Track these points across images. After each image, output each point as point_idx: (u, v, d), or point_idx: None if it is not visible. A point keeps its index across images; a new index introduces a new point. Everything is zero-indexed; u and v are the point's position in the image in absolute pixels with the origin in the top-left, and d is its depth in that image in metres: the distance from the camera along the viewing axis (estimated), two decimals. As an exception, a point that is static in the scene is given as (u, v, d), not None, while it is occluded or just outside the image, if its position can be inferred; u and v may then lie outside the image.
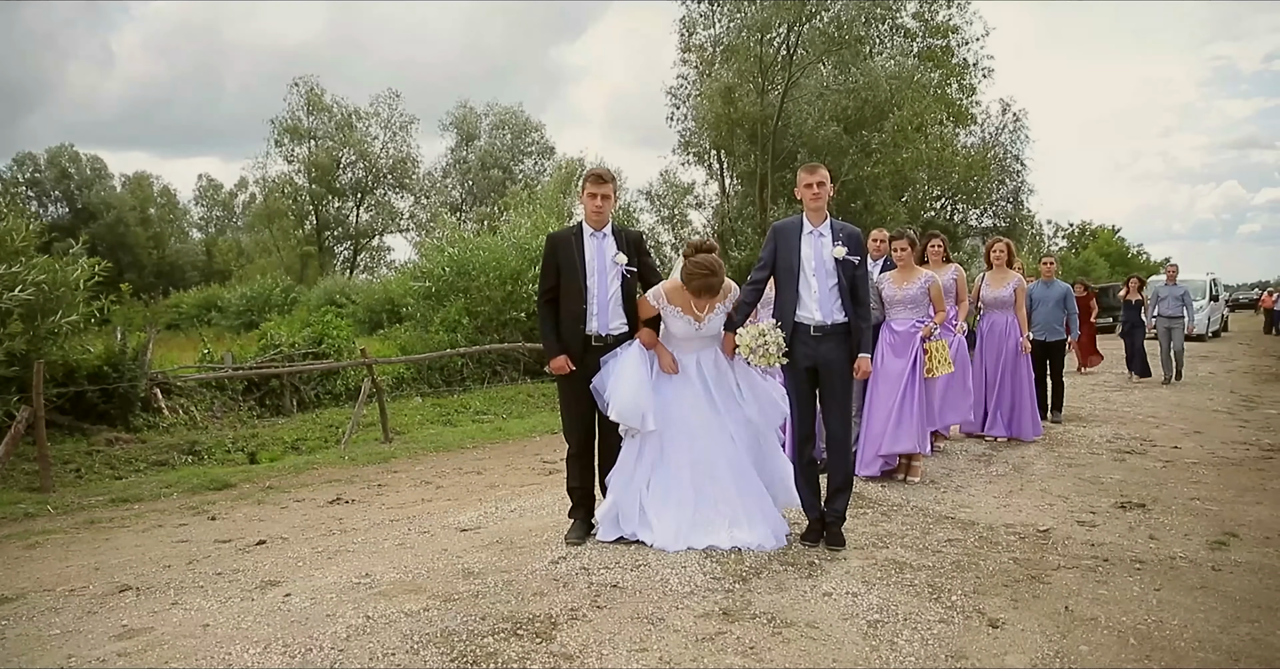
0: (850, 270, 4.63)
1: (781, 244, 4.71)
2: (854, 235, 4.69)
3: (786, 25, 24.69)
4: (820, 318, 4.62)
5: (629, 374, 4.59)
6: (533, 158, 43.22)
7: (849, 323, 4.65)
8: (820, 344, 4.63)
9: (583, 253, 4.73)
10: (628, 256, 4.76)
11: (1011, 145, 32.17)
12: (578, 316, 4.70)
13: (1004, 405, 8.01)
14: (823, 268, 4.63)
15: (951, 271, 7.40)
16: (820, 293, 4.62)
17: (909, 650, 3.31)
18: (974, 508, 5.52)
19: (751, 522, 4.58)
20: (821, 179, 4.64)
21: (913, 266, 6.40)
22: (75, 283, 8.87)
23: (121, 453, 8.76)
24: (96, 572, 4.56)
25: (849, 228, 4.73)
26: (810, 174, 4.65)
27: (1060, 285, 9.37)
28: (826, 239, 4.65)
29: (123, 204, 46.15)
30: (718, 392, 4.71)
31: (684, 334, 4.71)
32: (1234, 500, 5.70)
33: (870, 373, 4.83)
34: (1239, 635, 3.46)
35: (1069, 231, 48.86)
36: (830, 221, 4.70)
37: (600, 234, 4.78)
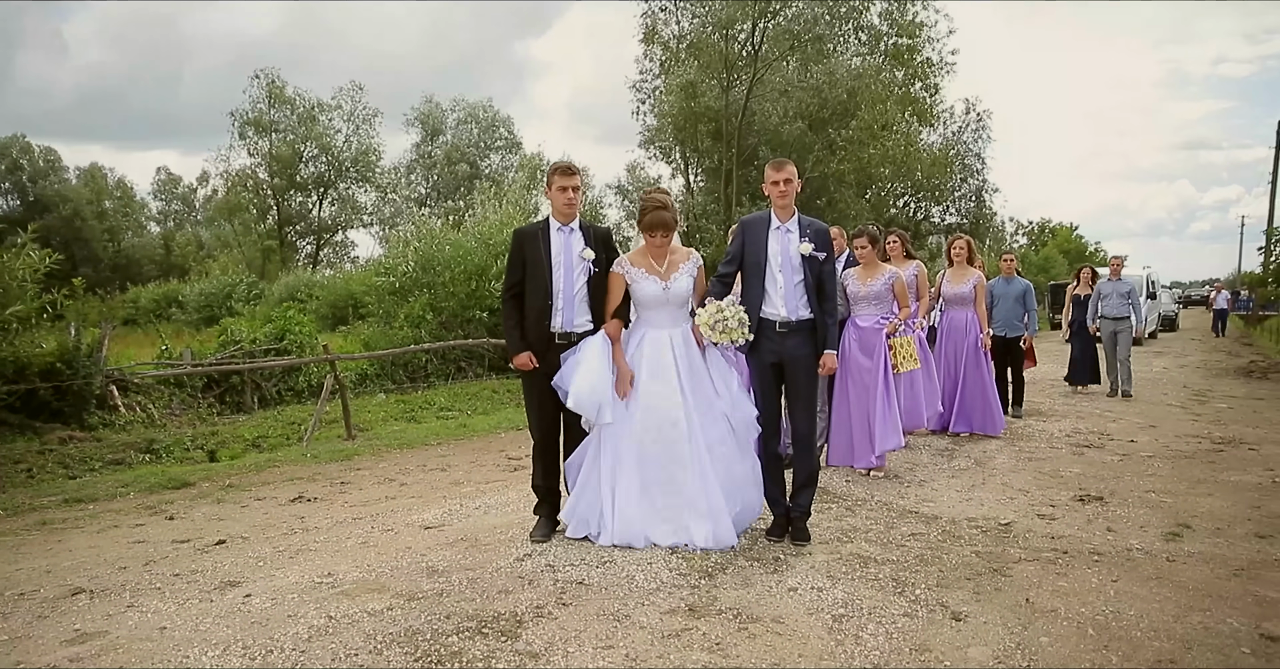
0: (817, 267, 4.61)
1: (749, 239, 4.68)
2: (822, 231, 4.67)
3: (750, 21, 24.76)
4: (785, 314, 4.60)
5: (590, 363, 4.51)
6: (500, 152, 42.95)
7: (814, 319, 4.65)
8: (786, 340, 4.62)
9: (549, 248, 4.66)
10: (595, 252, 4.69)
11: (974, 144, 32.60)
12: (543, 312, 4.64)
13: (966, 401, 8.07)
14: (789, 264, 4.61)
15: (912, 268, 7.43)
16: (786, 289, 4.60)
17: (873, 644, 3.34)
18: (937, 502, 5.59)
19: (702, 521, 4.45)
20: (788, 176, 4.60)
21: (876, 263, 6.42)
22: (24, 275, 8.62)
23: (75, 452, 8.56)
24: (48, 574, 4.45)
25: (817, 224, 4.70)
26: (777, 171, 4.61)
27: (1020, 282, 9.43)
28: (794, 235, 4.62)
29: (78, 197, 45.12)
30: (689, 380, 4.56)
31: (652, 299, 4.58)
32: (1187, 492, 5.83)
33: (835, 369, 4.83)
34: (1192, 624, 3.54)
35: (1029, 229, 49.67)
36: (798, 217, 4.68)
37: (567, 229, 4.71)
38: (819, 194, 26.43)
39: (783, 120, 25.13)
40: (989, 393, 8.10)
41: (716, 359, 4.70)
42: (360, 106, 40.63)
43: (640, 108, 28.18)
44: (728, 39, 25.19)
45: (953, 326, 8.23)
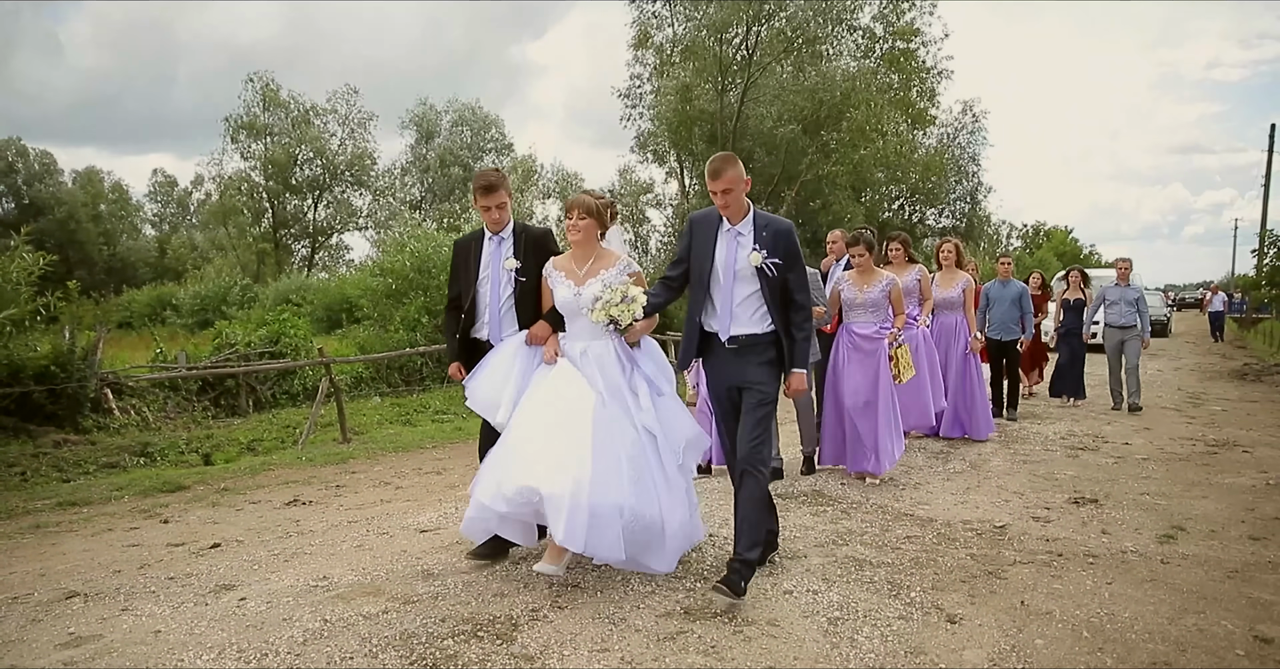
0: (778, 274, 3.96)
1: (695, 241, 4.10)
2: (781, 233, 3.98)
3: (744, 26, 24.81)
4: (733, 329, 4.01)
5: (495, 363, 4.28)
6: (492, 154, 42.94)
7: (773, 334, 4.01)
8: (736, 359, 4.03)
9: (479, 258, 4.45)
10: (526, 260, 4.36)
11: (969, 146, 32.66)
12: (472, 324, 4.50)
13: (956, 405, 8.04)
14: (738, 273, 3.99)
15: (914, 273, 7.41)
16: (734, 301, 4.00)
17: (869, 647, 3.34)
18: (932, 505, 5.60)
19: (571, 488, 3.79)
20: (727, 185, 3.89)
21: (872, 269, 6.28)
22: (18, 278, 8.60)
23: (70, 455, 8.53)
24: (42, 578, 4.43)
25: (776, 224, 4.00)
26: (714, 180, 3.91)
27: (1016, 285, 9.40)
28: (746, 239, 3.98)
29: (73, 200, 45.03)
30: (607, 388, 4.03)
31: (564, 305, 4.13)
32: (1181, 495, 5.85)
33: (803, 390, 4.08)
34: (1186, 626, 3.55)
35: (1023, 231, 49.83)
36: (754, 217, 4.00)
37: (497, 238, 4.44)
38: (814, 197, 26.48)
39: (777, 123, 25.17)
40: (978, 397, 8.07)
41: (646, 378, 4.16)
42: (355, 110, 40.62)
43: (630, 114, 28.19)
44: (722, 42, 25.24)
45: (942, 331, 8.17)
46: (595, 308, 3.95)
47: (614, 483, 3.77)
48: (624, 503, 3.76)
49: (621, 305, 3.89)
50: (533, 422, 3.97)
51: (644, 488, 3.87)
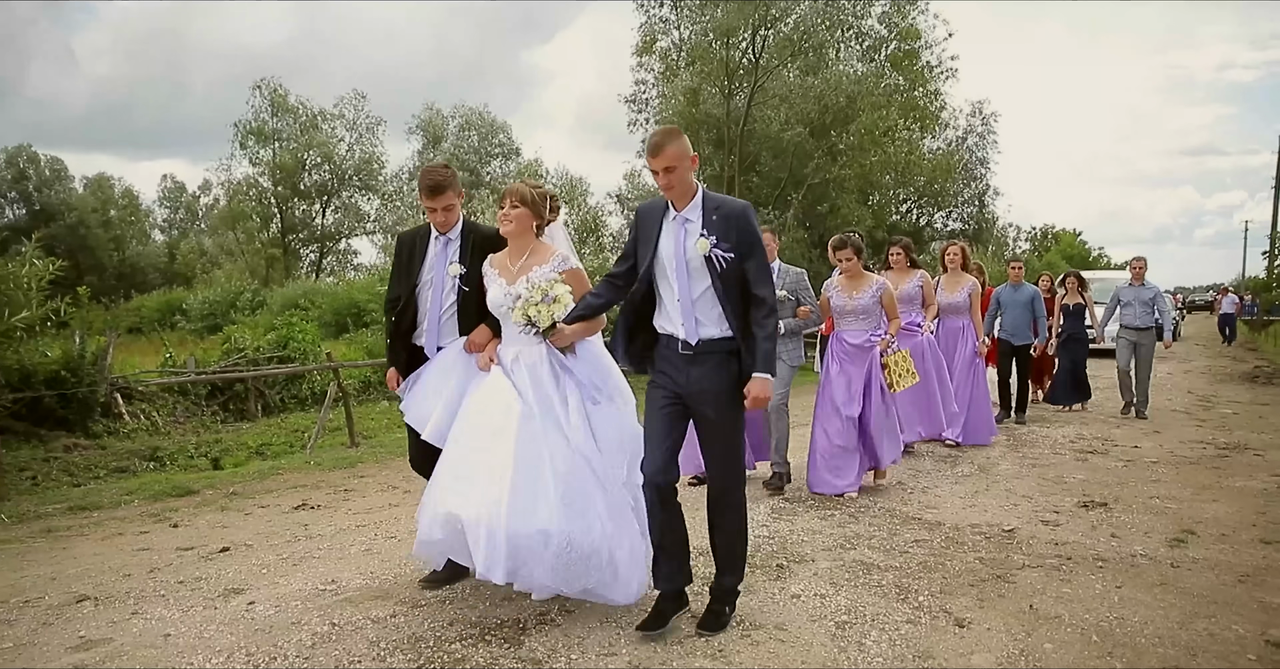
0: (732, 267, 3.43)
1: (641, 233, 3.61)
2: (733, 216, 3.44)
3: (750, 30, 24.82)
4: (685, 332, 3.50)
5: (430, 374, 4.01)
6: (499, 159, 43.04)
7: (732, 339, 3.49)
8: (691, 367, 3.50)
9: (423, 259, 4.06)
10: (474, 264, 3.95)
11: (979, 148, 32.57)
12: (413, 329, 4.13)
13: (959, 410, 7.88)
14: (687, 266, 3.46)
15: (916, 278, 7.30)
16: (684, 299, 3.48)
17: (876, 651, 3.34)
18: (940, 509, 5.58)
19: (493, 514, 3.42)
20: (669, 162, 3.38)
21: (861, 273, 6.00)
22: (29, 283, 8.67)
23: (80, 459, 8.58)
24: (53, 582, 4.46)
25: (728, 206, 3.48)
26: (653, 157, 3.42)
27: (1028, 289, 9.27)
28: (694, 226, 3.45)
29: (83, 205, 45.26)
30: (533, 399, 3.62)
31: (496, 304, 3.75)
32: (1192, 498, 5.82)
33: (766, 399, 3.45)
34: (1197, 631, 3.53)
35: (1032, 235, 49.69)
36: (702, 199, 3.48)
37: (444, 239, 4.04)
38: (821, 200, 26.44)
39: (784, 127, 25.17)
40: (983, 402, 7.97)
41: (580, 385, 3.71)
42: (363, 115, 40.76)
43: (636, 119, 28.21)
44: (729, 47, 25.26)
45: (947, 335, 8.07)
46: (515, 307, 3.57)
47: (539, 506, 3.38)
48: (552, 528, 3.35)
49: (540, 305, 3.51)
50: (460, 438, 3.65)
51: (579, 511, 3.44)
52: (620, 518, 3.59)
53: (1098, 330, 10.26)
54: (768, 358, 3.44)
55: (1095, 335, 10.32)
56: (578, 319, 3.63)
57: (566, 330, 3.58)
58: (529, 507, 3.39)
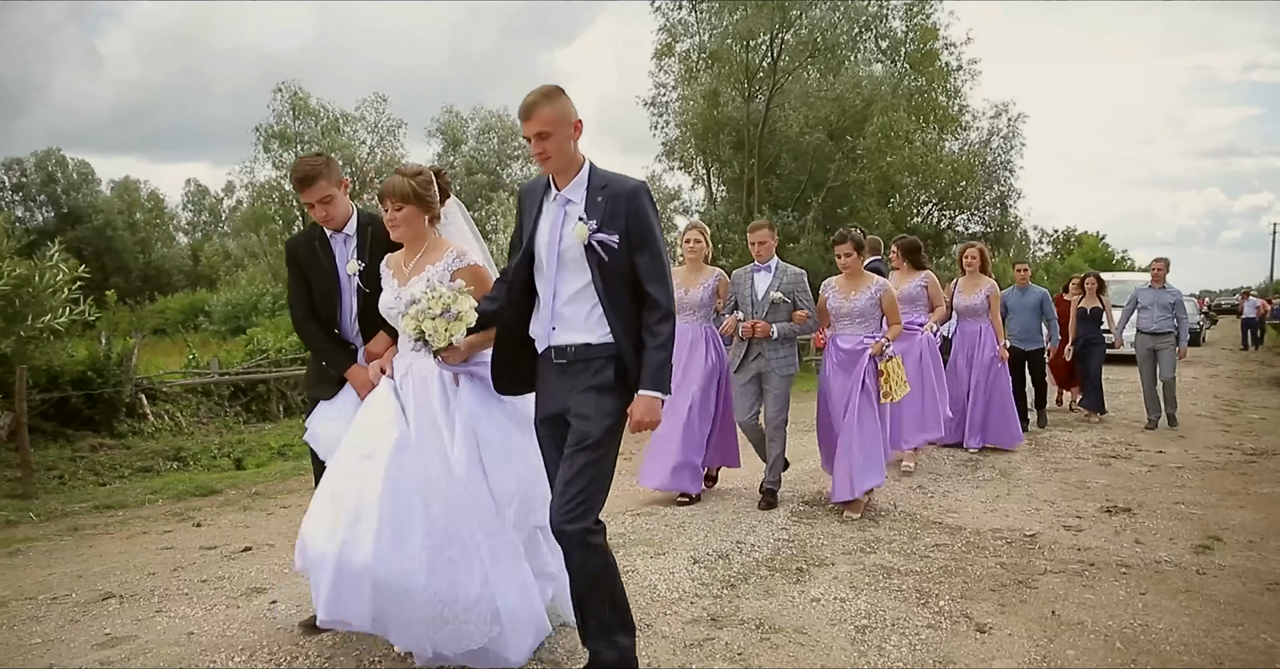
0: (618, 259, 2.86)
1: (523, 218, 3.07)
2: (621, 196, 2.88)
3: (769, 33, 24.79)
4: (555, 337, 2.94)
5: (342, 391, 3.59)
6: (519, 162, 43.19)
7: (615, 346, 2.89)
8: (565, 379, 2.95)
9: (331, 258, 3.62)
10: (374, 261, 3.52)
11: (1003, 151, 32.28)
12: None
13: (980, 415, 7.73)
14: (562, 255, 2.90)
15: (919, 279, 7.06)
16: (559, 295, 2.93)
17: (897, 656, 3.32)
18: (961, 513, 5.54)
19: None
20: (543, 127, 2.81)
21: (860, 273, 5.57)
22: (55, 285, 8.81)
23: (105, 459, 8.68)
24: (79, 579, 4.52)
25: (617, 185, 2.91)
26: (525, 121, 2.86)
27: (1036, 291, 8.95)
28: (575, 208, 2.90)
29: (109, 208, 45.88)
30: (415, 423, 3.14)
31: (387, 310, 3.28)
32: (1218, 504, 5.75)
33: (653, 423, 2.91)
34: (1223, 639, 3.48)
35: (1054, 237, 49.23)
36: (588, 176, 2.94)
37: (342, 236, 3.63)
38: (841, 203, 26.36)
39: (803, 130, 25.12)
40: (1007, 405, 7.77)
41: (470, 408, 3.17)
42: (384, 117, 41.03)
43: (658, 122, 28.22)
44: (748, 50, 25.23)
45: (966, 339, 7.87)
46: (406, 314, 3.04)
47: (406, 552, 2.91)
48: (419, 581, 2.89)
49: (438, 321, 2.97)
50: (338, 461, 3.19)
51: (455, 559, 2.96)
52: (507, 564, 3.08)
53: (1115, 335, 9.85)
54: (659, 372, 2.87)
55: (1114, 340, 9.96)
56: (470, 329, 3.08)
57: (461, 345, 3.06)
58: (394, 551, 2.90)
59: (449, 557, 2.96)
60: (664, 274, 2.90)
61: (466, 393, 3.18)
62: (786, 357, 5.55)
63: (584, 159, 2.95)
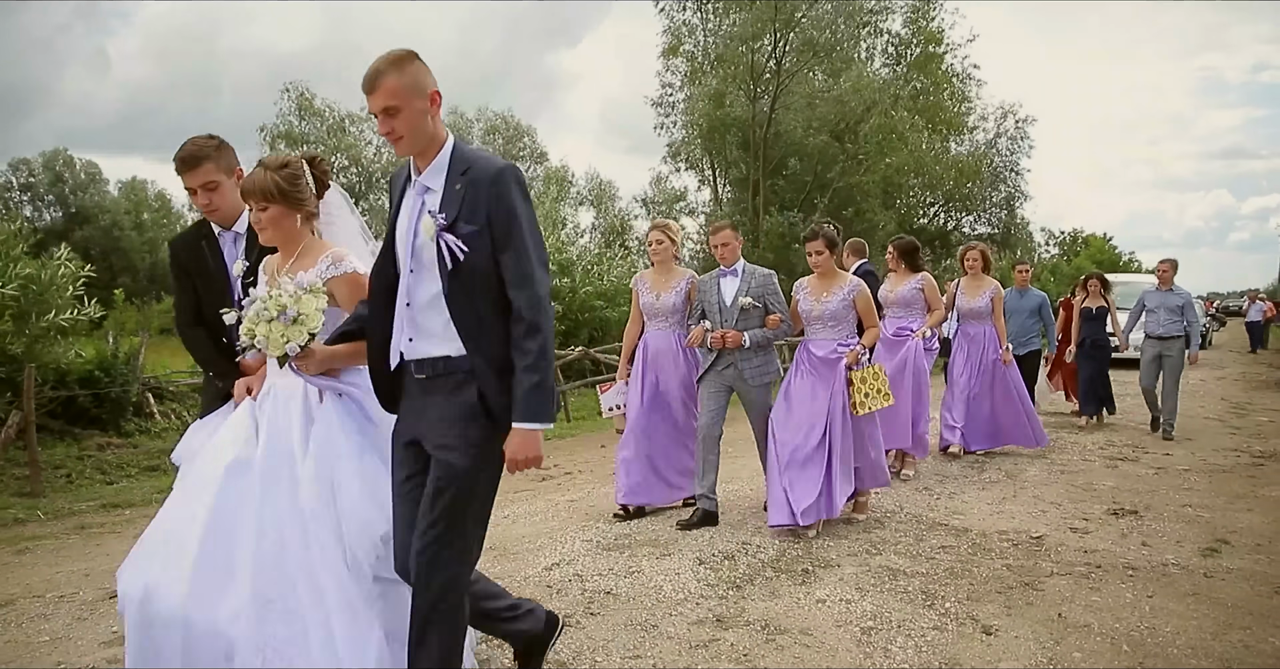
0: (475, 259, 2.40)
1: (391, 209, 2.66)
2: (484, 181, 2.42)
3: (773, 34, 24.81)
4: (419, 349, 2.50)
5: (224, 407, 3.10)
6: (525, 163, 43.27)
7: (468, 362, 2.44)
8: (422, 398, 2.52)
9: (220, 258, 3.24)
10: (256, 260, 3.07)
11: (1010, 153, 32.19)
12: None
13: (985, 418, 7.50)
14: (411, 253, 2.48)
15: (915, 281, 6.69)
16: (416, 300, 2.50)
17: (903, 657, 3.31)
18: (967, 515, 5.53)
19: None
20: (389, 101, 2.38)
21: (834, 272, 5.17)
22: (60, 283, 8.86)
23: (113, 458, 8.72)
24: (87, 578, 4.53)
25: (480, 168, 2.44)
26: (369, 95, 2.41)
27: (1035, 294, 8.73)
28: (434, 197, 2.46)
29: (117, 208, 46.08)
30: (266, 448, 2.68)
31: None
32: (1225, 507, 5.73)
33: (535, 462, 2.48)
34: (1231, 642, 3.47)
35: (1060, 239, 49.10)
36: (450, 157, 2.48)
37: (231, 234, 3.24)
38: (846, 204, 26.36)
39: (807, 131, 25.14)
40: (1024, 403, 7.54)
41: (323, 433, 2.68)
42: (391, 118, 41.15)
43: (663, 122, 28.25)
44: (753, 51, 25.25)
45: (970, 342, 7.58)
46: (245, 316, 2.65)
47: (226, 597, 2.50)
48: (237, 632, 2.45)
49: (274, 325, 2.56)
50: (178, 485, 2.82)
51: (288, 610, 2.50)
52: (359, 616, 2.54)
53: (1121, 338, 9.52)
54: (534, 399, 2.39)
55: (1119, 343, 9.59)
56: (343, 338, 2.71)
57: (319, 354, 2.64)
58: (213, 594, 2.49)
59: (278, 609, 2.49)
60: (531, 277, 2.41)
61: (331, 415, 2.71)
62: (761, 365, 5.15)
63: (446, 137, 2.51)
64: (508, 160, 2.53)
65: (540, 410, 2.42)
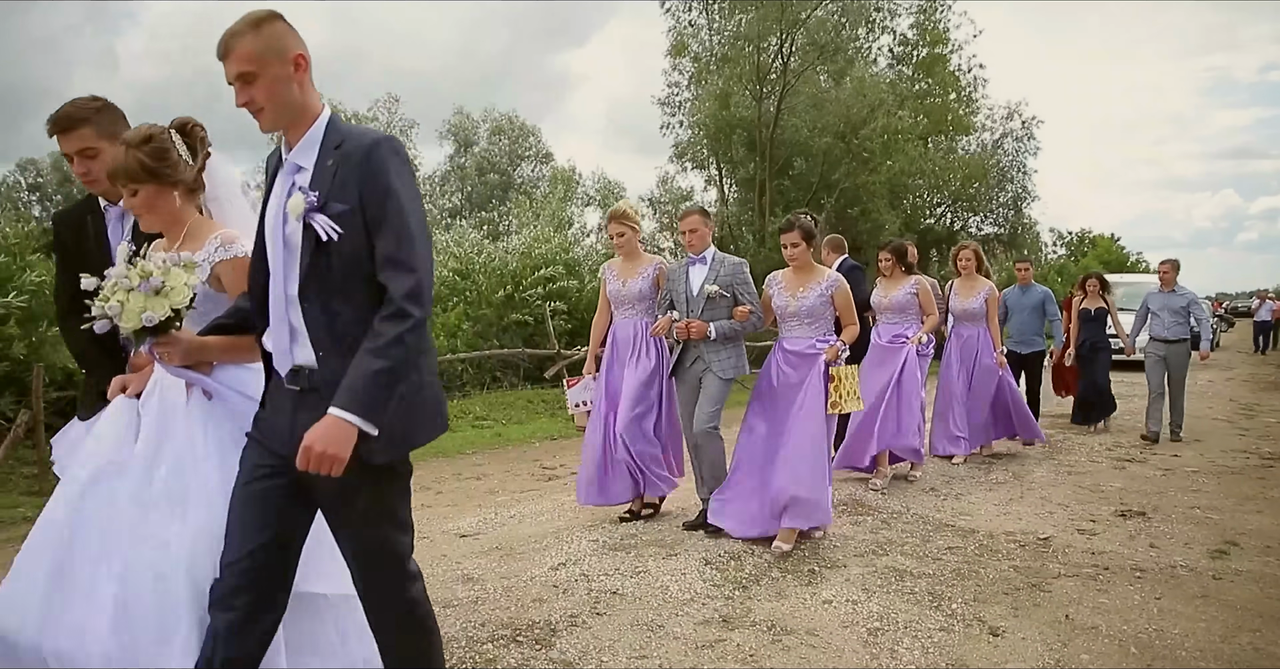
0: (348, 242, 2.08)
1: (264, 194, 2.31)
2: (361, 156, 2.10)
3: (778, 34, 24.81)
4: (299, 354, 2.16)
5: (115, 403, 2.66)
6: (531, 163, 43.29)
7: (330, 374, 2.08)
8: (300, 413, 2.13)
9: (104, 237, 2.86)
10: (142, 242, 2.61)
11: (1017, 153, 32.09)
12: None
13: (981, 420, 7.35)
14: (281, 239, 2.15)
15: (910, 284, 6.44)
16: (289, 294, 2.14)
17: (909, 658, 3.31)
18: (974, 515, 5.52)
19: None
20: (244, 66, 2.09)
21: (811, 267, 4.92)
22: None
23: (120, 457, 8.76)
24: (95, 576, 4.55)
25: (355, 141, 2.13)
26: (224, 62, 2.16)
27: (1038, 291, 8.37)
28: (305, 176, 2.15)
29: (124, 209, 46.39)
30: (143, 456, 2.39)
31: None
32: (1234, 509, 5.70)
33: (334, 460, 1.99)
34: (1240, 645, 3.45)
35: (1068, 240, 48.97)
36: (324, 132, 2.17)
37: (118, 210, 2.85)
38: (852, 204, 26.33)
39: (812, 133, 25.13)
40: (1019, 400, 7.47)
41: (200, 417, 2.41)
42: (396, 118, 41.22)
43: (669, 122, 28.26)
44: (759, 51, 25.25)
45: (964, 344, 7.37)
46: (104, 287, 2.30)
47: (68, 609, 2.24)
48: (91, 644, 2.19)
49: (134, 294, 2.25)
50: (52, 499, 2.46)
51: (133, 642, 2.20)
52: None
53: (1126, 341, 9.19)
54: (365, 387, 1.99)
55: (1125, 346, 9.24)
56: (216, 329, 2.38)
57: (185, 341, 2.31)
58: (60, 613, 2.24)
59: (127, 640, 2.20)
60: (410, 258, 2.08)
61: (196, 417, 2.40)
62: (727, 358, 4.89)
63: (321, 110, 2.21)
64: (387, 132, 2.25)
65: (371, 403, 1.99)
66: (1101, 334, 9.07)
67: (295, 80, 2.14)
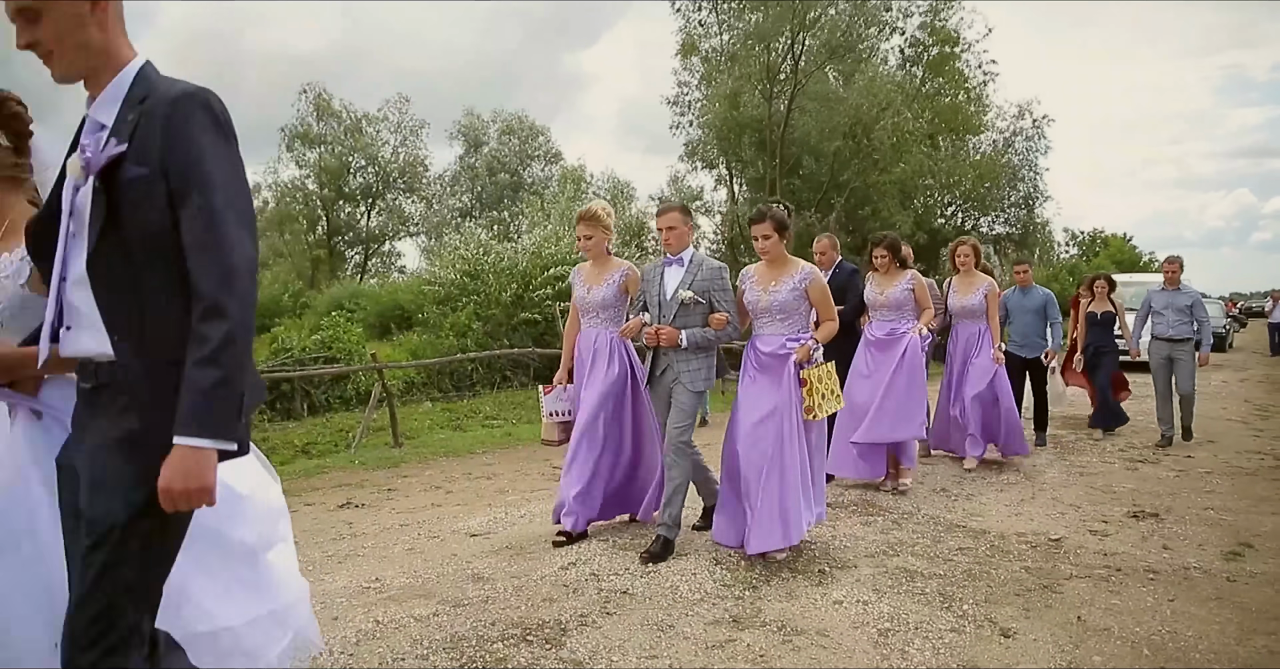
0: (144, 211, 1.78)
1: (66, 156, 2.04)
2: (165, 106, 1.78)
3: (789, 34, 24.77)
4: (77, 344, 1.87)
5: None
6: (540, 163, 43.37)
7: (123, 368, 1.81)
8: (85, 414, 1.91)
9: None
10: None
11: (1028, 152, 31.94)
12: None
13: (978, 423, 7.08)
14: (70, 209, 1.84)
15: (905, 280, 6.20)
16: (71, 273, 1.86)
17: (920, 659, 3.30)
18: (985, 516, 5.50)
19: None
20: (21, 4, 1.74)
21: (785, 260, 4.56)
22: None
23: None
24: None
25: (163, 92, 1.80)
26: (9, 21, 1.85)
27: (1039, 292, 8.15)
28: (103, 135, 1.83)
29: (136, 208, 46.62)
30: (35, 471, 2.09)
31: None
32: (1249, 510, 5.66)
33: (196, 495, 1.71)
34: (1255, 647, 3.43)
35: (1080, 239, 48.70)
36: (131, 81, 1.85)
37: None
38: (863, 204, 26.29)
39: (822, 132, 25.11)
40: (1011, 410, 7.14)
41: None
42: (407, 118, 41.38)
43: (679, 121, 28.26)
44: (769, 51, 25.22)
45: (963, 342, 7.17)
46: None
47: None
48: None
49: None
50: None
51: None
52: None
53: (1131, 344, 8.87)
54: (209, 404, 1.71)
55: (1130, 351, 8.96)
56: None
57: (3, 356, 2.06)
58: None
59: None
60: (220, 242, 1.75)
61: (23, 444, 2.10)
62: (698, 369, 4.53)
63: (131, 57, 1.86)
64: (196, 84, 1.84)
65: (217, 420, 1.72)
66: (1107, 339, 8.96)
67: (93, 22, 1.78)
